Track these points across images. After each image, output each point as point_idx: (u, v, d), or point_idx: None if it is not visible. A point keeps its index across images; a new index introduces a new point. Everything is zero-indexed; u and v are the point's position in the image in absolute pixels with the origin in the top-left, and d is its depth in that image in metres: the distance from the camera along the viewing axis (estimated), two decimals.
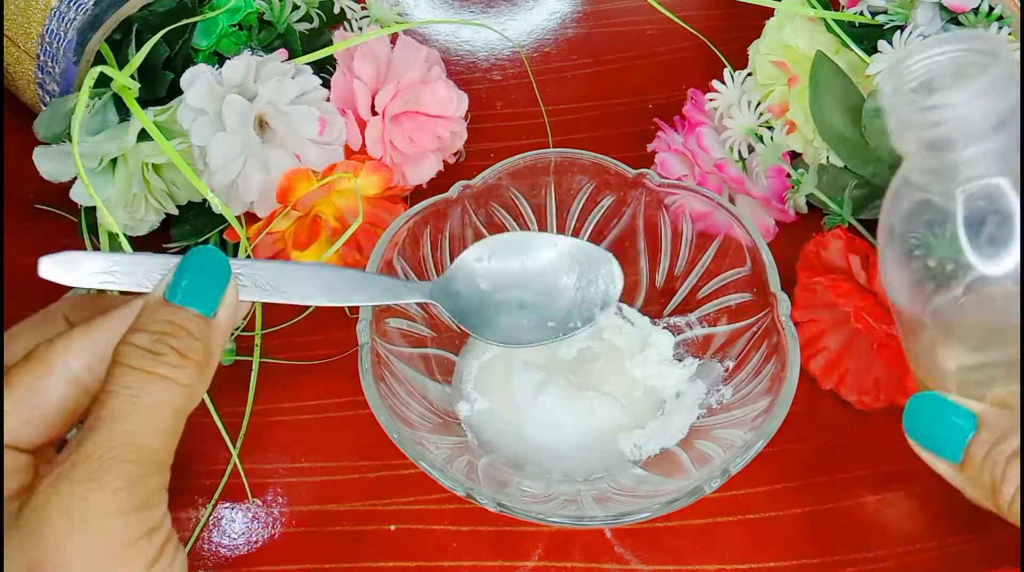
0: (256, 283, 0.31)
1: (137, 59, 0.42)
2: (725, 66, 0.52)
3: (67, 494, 0.25)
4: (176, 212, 0.44)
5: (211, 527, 0.41)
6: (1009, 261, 0.28)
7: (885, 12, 0.43)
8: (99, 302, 0.32)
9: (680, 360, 0.43)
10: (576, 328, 0.38)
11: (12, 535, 0.25)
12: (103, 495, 0.25)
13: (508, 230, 0.44)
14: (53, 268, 0.31)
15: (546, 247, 0.38)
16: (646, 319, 0.44)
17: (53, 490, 0.25)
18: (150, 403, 0.27)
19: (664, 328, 0.44)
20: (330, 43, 0.46)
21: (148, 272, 0.30)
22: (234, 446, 0.42)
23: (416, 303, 0.41)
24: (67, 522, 0.25)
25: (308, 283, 0.32)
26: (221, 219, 0.44)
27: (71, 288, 0.47)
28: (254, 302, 0.32)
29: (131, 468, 0.26)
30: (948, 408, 0.28)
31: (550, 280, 0.38)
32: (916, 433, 0.29)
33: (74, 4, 0.44)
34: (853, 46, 0.44)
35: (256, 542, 0.41)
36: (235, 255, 0.46)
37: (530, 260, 0.38)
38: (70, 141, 0.42)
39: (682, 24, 0.53)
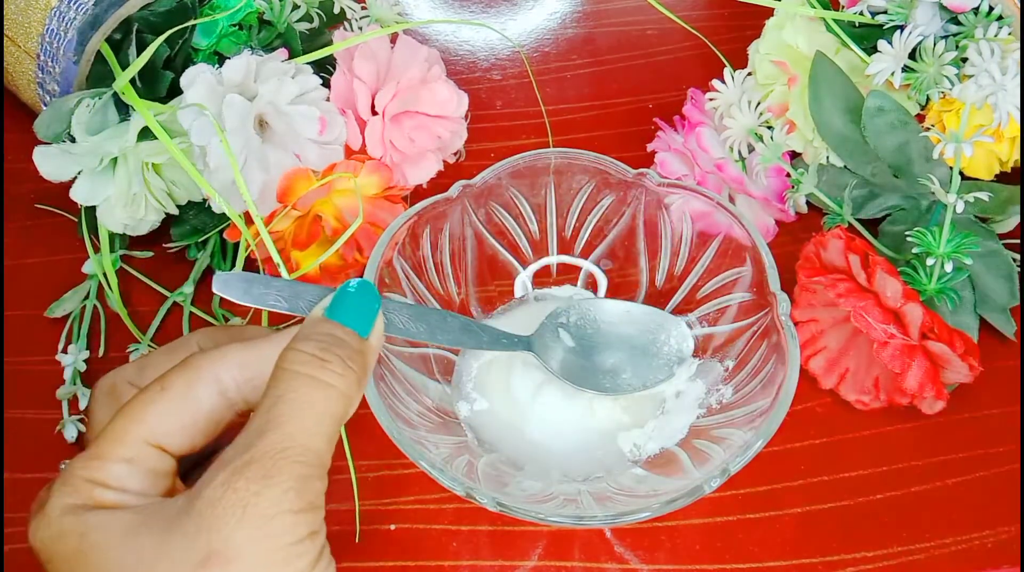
0: (388, 318, 0.34)
1: (139, 63, 0.42)
2: (725, 66, 0.52)
3: (243, 490, 0.26)
4: (176, 212, 0.45)
5: None
6: None
7: (885, 12, 0.43)
8: (234, 332, 0.34)
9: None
10: (658, 381, 0.41)
11: (184, 526, 0.26)
12: (275, 493, 0.26)
13: (508, 230, 0.44)
14: (229, 287, 0.32)
15: (621, 312, 0.42)
16: None
17: (228, 486, 0.26)
18: (316, 408, 0.28)
19: None
20: (330, 43, 0.46)
21: (310, 300, 0.32)
22: None
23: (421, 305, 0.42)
24: (241, 517, 0.26)
25: (429, 324, 0.36)
26: (221, 219, 0.44)
27: (70, 291, 0.47)
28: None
29: (301, 469, 0.27)
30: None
31: (629, 341, 0.42)
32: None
33: (74, 4, 0.44)
34: (853, 46, 0.44)
35: None
36: (234, 255, 0.46)
37: (607, 324, 0.42)
38: (70, 140, 0.42)
39: (682, 24, 0.53)
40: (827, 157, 0.46)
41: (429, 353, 0.42)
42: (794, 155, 0.48)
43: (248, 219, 0.43)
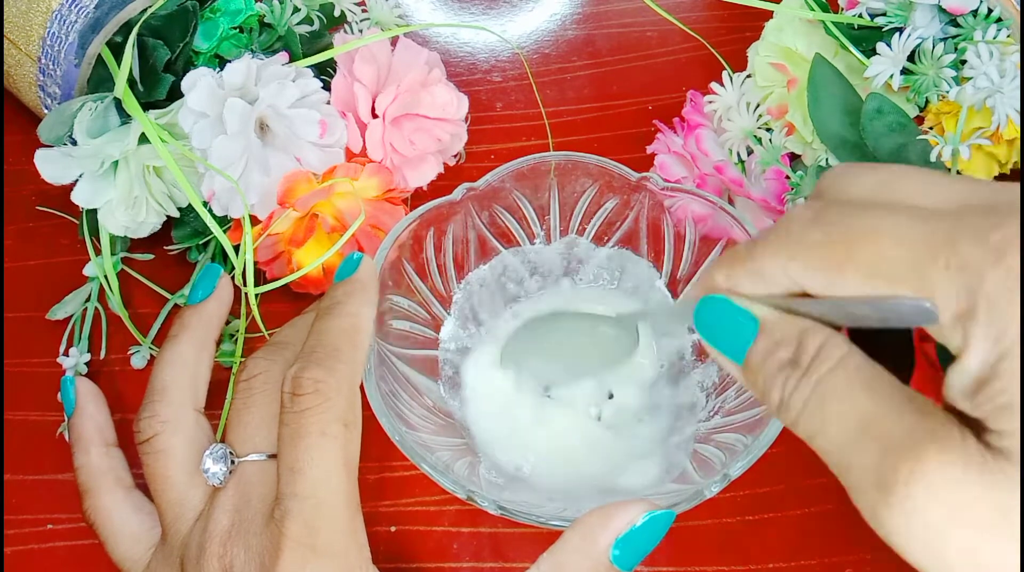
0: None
1: (125, 68, 0.42)
2: (724, 68, 0.52)
3: None
4: (177, 214, 0.45)
5: None
6: None
7: (884, 14, 0.43)
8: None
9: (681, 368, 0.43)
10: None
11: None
12: None
13: (511, 233, 0.44)
14: None
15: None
16: None
17: None
18: None
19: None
20: (331, 46, 0.46)
21: None
22: None
23: (426, 308, 0.43)
24: None
25: None
26: (222, 221, 0.44)
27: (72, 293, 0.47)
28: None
29: None
30: (734, 311, 0.27)
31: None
32: (705, 332, 0.28)
33: (75, 6, 0.44)
34: (852, 48, 0.44)
35: None
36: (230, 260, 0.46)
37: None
38: (72, 143, 0.42)
39: (681, 26, 0.53)
40: (826, 159, 0.46)
41: (432, 355, 0.42)
42: (793, 157, 0.48)
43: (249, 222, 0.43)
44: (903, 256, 0.23)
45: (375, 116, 0.45)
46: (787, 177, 0.46)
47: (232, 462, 0.34)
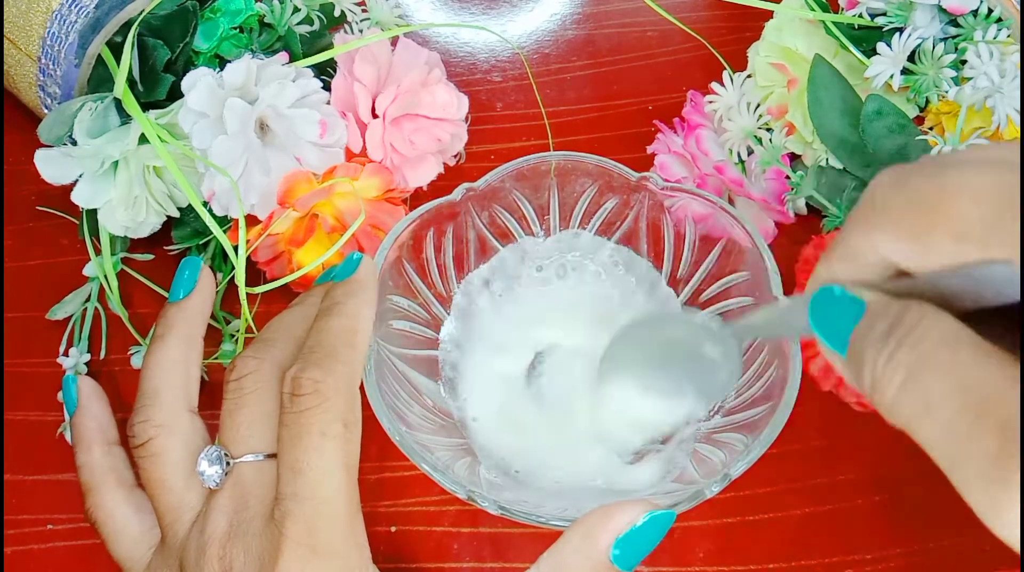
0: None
1: (124, 68, 0.42)
2: (724, 68, 0.52)
3: None
4: (177, 214, 0.45)
5: None
6: None
7: (884, 14, 0.44)
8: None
9: None
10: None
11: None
12: None
13: (511, 233, 0.44)
14: None
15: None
16: None
17: None
18: None
19: None
20: (331, 46, 0.46)
21: None
22: None
23: (426, 308, 0.43)
24: None
25: None
26: (222, 221, 0.44)
27: (69, 295, 0.47)
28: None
29: None
30: (839, 297, 0.24)
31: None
32: (819, 326, 0.25)
33: (75, 6, 0.44)
34: (852, 48, 0.44)
35: None
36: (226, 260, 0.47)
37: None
38: (72, 143, 0.42)
39: (681, 26, 0.53)
40: (826, 159, 0.46)
41: (432, 355, 0.42)
42: (793, 157, 0.48)
43: (249, 221, 0.43)
44: (988, 214, 0.20)
45: (375, 116, 0.45)
46: (787, 177, 0.46)
47: (227, 464, 0.34)
